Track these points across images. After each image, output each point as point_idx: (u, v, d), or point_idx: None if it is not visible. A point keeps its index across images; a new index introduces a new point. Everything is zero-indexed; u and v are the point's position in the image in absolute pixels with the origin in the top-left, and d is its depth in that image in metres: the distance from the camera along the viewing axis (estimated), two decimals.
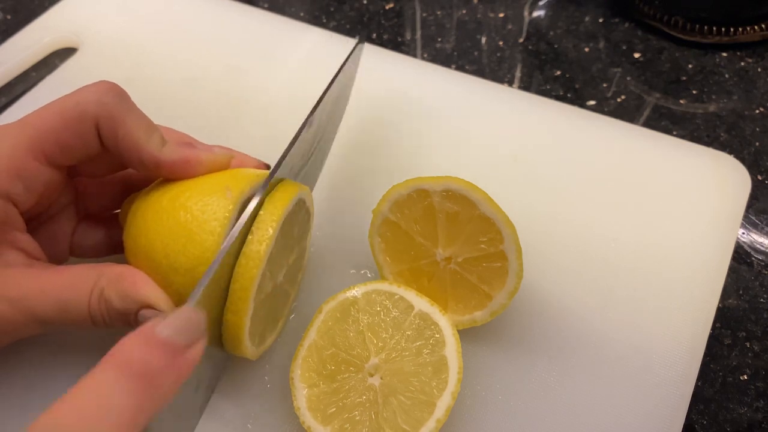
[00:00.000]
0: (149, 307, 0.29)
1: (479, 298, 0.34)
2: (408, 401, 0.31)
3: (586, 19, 0.58)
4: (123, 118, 0.31)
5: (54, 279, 0.30)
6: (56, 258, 0.35)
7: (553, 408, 0.33)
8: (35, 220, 0.34)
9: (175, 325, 0.24)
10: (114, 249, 0.36)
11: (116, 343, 0.23)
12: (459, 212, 0.34)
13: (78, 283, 0.30)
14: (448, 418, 0.31)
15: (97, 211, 0.37)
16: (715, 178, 0.41)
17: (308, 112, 0.33)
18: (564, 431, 0.33)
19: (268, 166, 0.36)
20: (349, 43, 0.51)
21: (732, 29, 0.53)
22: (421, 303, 0.34)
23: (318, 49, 0.51)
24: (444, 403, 0.31)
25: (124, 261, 0.32)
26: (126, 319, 0.30)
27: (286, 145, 0.33)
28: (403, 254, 0.36)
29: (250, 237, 0.30)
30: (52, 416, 0.21)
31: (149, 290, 0.30)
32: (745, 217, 0.44)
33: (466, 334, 0.35)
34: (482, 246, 0.34)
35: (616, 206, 0.41)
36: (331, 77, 0.36)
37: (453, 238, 0.34)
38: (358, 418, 0.31)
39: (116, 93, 0.32)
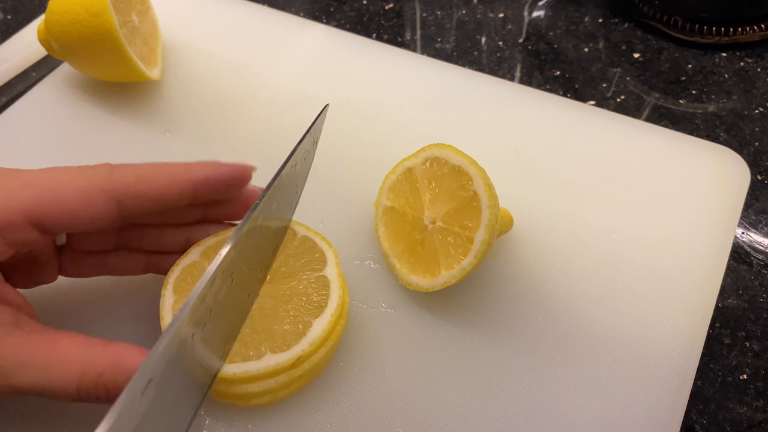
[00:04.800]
0: None
1: (464, 245, 0.34)
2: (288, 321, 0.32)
3: (586, 19, 0.58)
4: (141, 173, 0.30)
5: (40, 355, 0.27)
6: (44, 279, 0.34)
7: (552, 401, 0.33)
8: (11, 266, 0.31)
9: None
10: (104, 269, 0.35)
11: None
12: (436, 172, 0.36)
13: (68, 367, 0.27)
14: (451, 409, 0.30)
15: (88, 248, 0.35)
16: (715, 171, 0.42)
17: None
18: (563, 424, 0.33)
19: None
20: (352, 39, 0.52)
21: (731, 29, 0.53)
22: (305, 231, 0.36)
23: (321, 45, 0.51)
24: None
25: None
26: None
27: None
28: (401, 233, 0.36)
29: None
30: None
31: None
32: (745, 217, 0.44)
33: (466, 328, 0.35)
34: (458, 194, 0.35)
35: (617, 198, 0.41)
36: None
37: (435, 199, 0.36)
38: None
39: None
